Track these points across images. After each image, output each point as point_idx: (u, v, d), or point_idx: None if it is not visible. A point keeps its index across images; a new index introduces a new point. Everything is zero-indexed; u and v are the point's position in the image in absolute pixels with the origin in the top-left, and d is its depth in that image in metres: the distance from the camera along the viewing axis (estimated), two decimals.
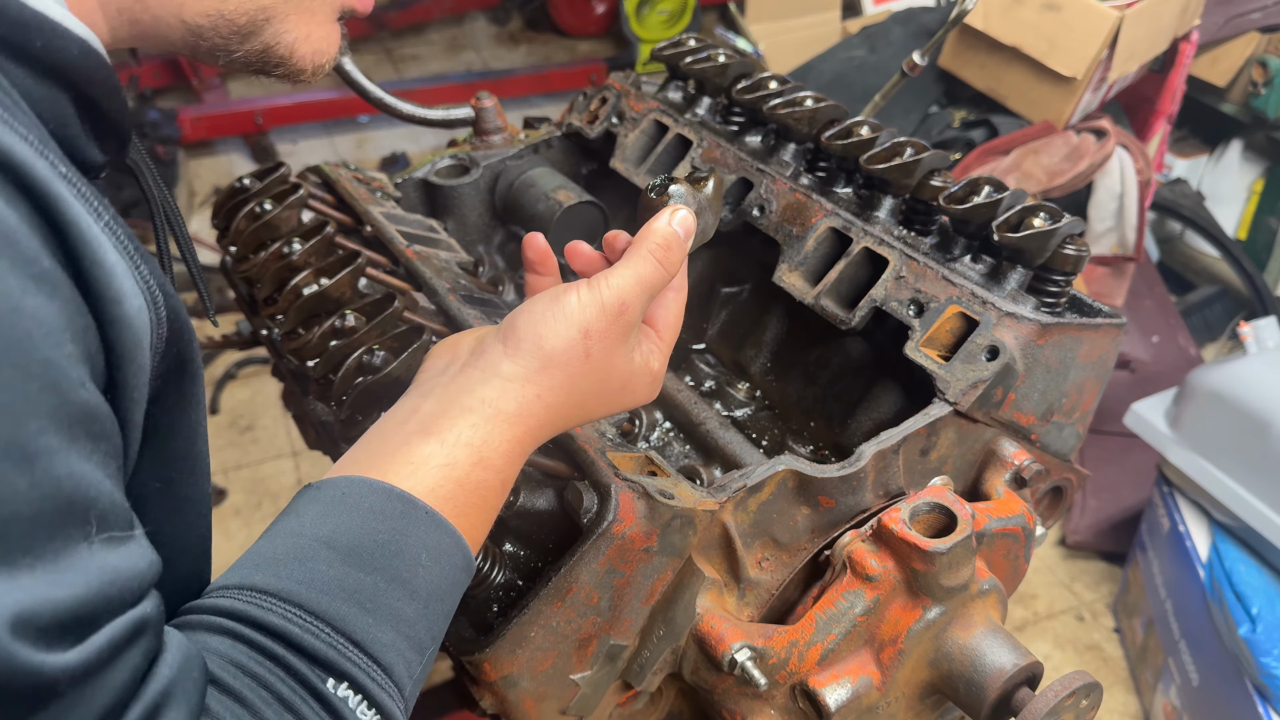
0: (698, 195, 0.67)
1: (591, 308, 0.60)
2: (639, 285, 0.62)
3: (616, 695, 0.80)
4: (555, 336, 0.60)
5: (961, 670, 0.76)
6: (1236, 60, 2.59)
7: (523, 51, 4.49)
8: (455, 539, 0.56)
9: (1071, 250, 0.85)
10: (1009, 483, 0.89)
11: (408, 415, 0.59)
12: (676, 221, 0.64)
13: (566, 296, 0.61)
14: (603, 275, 0.61)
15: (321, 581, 0.49)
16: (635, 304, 0.61)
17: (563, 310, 0.60)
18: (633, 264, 0.62)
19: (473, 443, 0.57)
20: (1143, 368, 2.43)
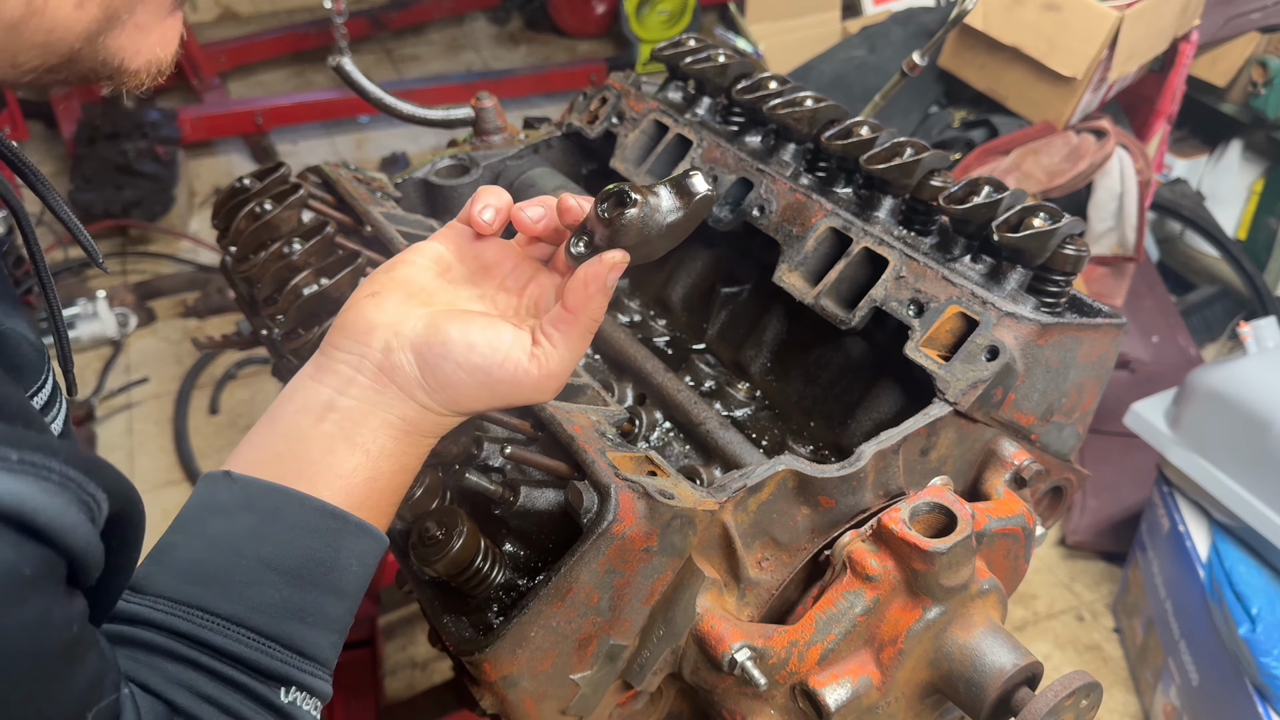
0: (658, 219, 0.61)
1: (527, 392, 0.61)
2: (574, 363, 0.63)
3: (616, 695, 0.80)
4: (477, 402, 0.62)
5: (961, 670, 0.76)
6: (1236, 60, 2.59)
7: (523, 52, 4.49)
8: (379, 539, 0.61)
9: (1071, 250, 0.85)
10: (1009, 483, 0.89)
11: (323, 409, 0.59)
12: (610, 282, 0.62)
13: (501, 374, 0.60)
14: (543, 354, 0.61)
15: (270, 605, 0.55)
16: (567, 377, 0.63)
17: (495, 390, 0.61)
18: (570, 345, 0.62)
19: (394, 454, 0.61)
20: (1143, 368, 2.43)
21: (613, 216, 0.60)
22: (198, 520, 0.57)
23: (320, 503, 0.57)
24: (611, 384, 0.99)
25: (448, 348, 0.60)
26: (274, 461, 0.58)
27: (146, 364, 2.75)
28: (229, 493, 0.57)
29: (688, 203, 0.61)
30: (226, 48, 4.01)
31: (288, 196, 1.01)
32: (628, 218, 0.60)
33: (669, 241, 0.63)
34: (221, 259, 1.06)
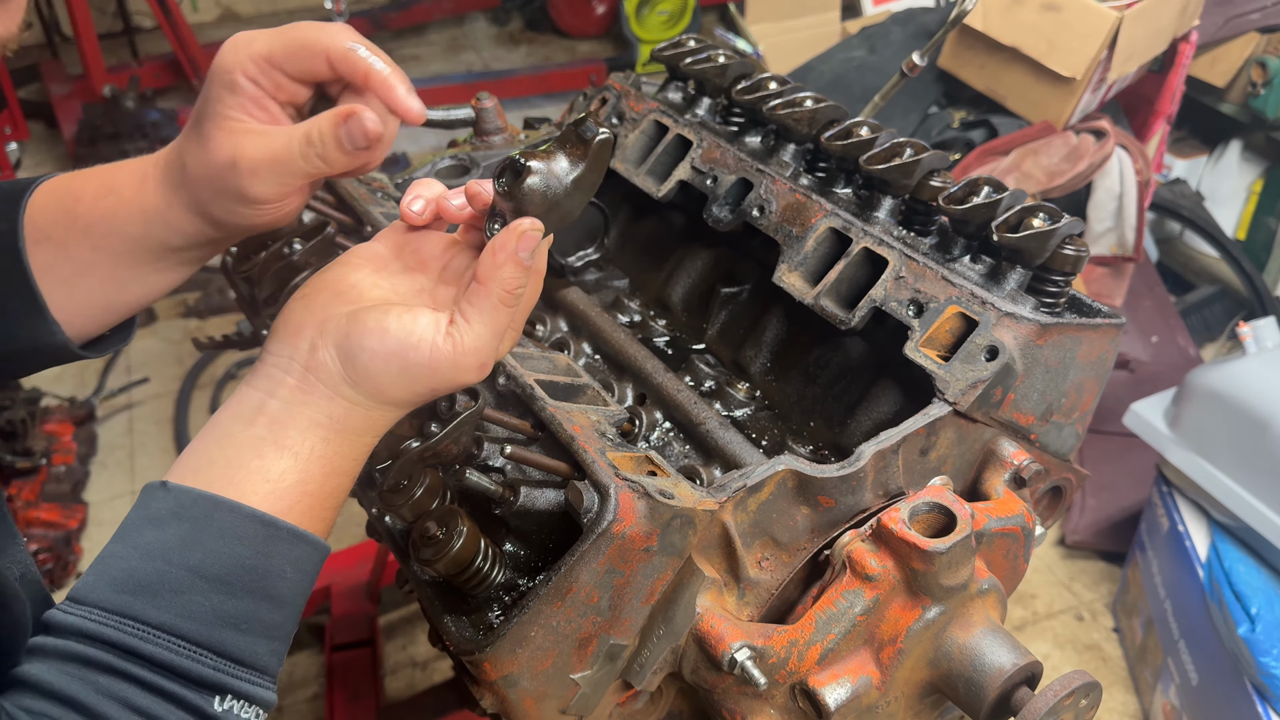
0: (560, 178, 0.59)
1: (445, 373, 0.60)
2: (494, 338, 0.61)
3: (616, 695, 0.80)
4: (398, 390, 0.60)
5: (961, 670, 0.76)
6: (1236, 61, 2.59)
7: (523, 52, 4.49)
8: (314, 545, 0.60)
9: (1071, 250, 0.85)
10: (1008, 482, 0.89)
11: (254, 412, 0.59)
12: (522, 249, 0.60)
13: (417, 357, 0.59)
14: (458, 333, 0.59)
15: (200, 613, 0.54)
16: (491, 356, 0.61)
17: (411, 373, 0.59)
18: (485, 319, 0.60)
19: (324, 455, 0.60)
20: (1142, 368, 2.43)
21: (513, 189, 0.58)
22: (134, 530, 0.57)
23: (249, 509, 0.57)
24: (611, 384, 1.00)
25: (364, 337, 0.59)
26: (208, 468, 0.58)
27: (147, 364, 2.75)
28: (162, 501, 0.57)
29: (584, 152, 0.58)
30: None
31: None
32: (527, 187, 0.58)
33: (581, 197, 0.60)
34: (222, 259, 1.06)
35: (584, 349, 1.04)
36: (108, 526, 2.29)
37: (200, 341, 1.35)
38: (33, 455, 2.27)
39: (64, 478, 2.29)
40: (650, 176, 1.11)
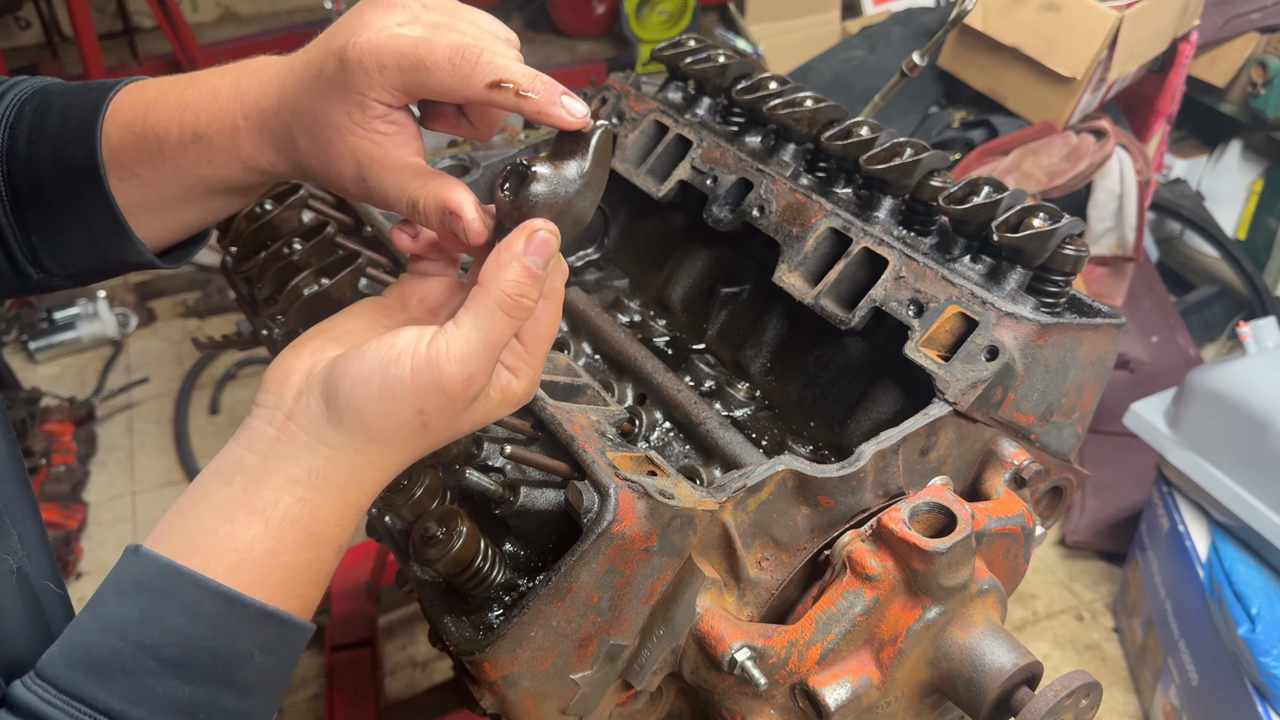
0: (568, 178, 0.55)
1: (427, 388, 0.52)
2: (487, 350, 0.53)
3: (616, 695, 0.80)
4: (383, 418, 0.53)
5: (961, 670, 0.76)
6: (1236, 60, 2.59)
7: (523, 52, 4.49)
8: (288, 625, 0.54)
9: (1071, 250, 0.85)
10: (1008, 482, 0.89)
11: (231, 469, 0.54)
12: (532, 252, 0.54)
13: (397, 371, 0.52)
14: (442, 339, 0.53)
15: (152, 699, 0.49)
16: (483, 372, 0.54)
17: (391, 391, 0.52)
18: (479, 324, 0.53)
19: (299, 520, 0.53)
20: (1142, 368, 2.43)
21: (520, 196, 0.54)
22: (101, 599, 0.52)
23: (214, 584, 0.51)
24: (611, 384, 0.99)
25: (344, 366, 0.54)
26: (179, 532, 0.53)
27: (147, 364, 2.75)
28: (132, 568, 0.52)
29: (587, 147, 0.55)
30: (227, 48, 4.01)
31: (288, 196, 1.01)
32: (535, 191, 0.54)
33: (592, 196, 0.57)
34: (222, 259, 1.06)
35: (584, 349, 1.04)
36: (107, 526, 2.29)
37: (200, 341, 1.35)
38: (32, 455, 2.27)
39: (64, 478, 2.29)
40: (650, 176, 1.11)
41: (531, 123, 1.33)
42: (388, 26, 0.55)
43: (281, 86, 0.59)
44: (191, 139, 0.61)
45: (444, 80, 0.53)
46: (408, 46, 0.54)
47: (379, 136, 0.57)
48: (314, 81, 0.57)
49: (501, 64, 0.54)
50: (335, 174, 0.59)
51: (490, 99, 0.54)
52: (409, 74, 0.54)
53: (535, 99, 0.54)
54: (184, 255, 0.74)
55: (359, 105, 0.56)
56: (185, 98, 0.62)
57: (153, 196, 0.64)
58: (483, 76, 0.53)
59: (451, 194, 0.56)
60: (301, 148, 0.59)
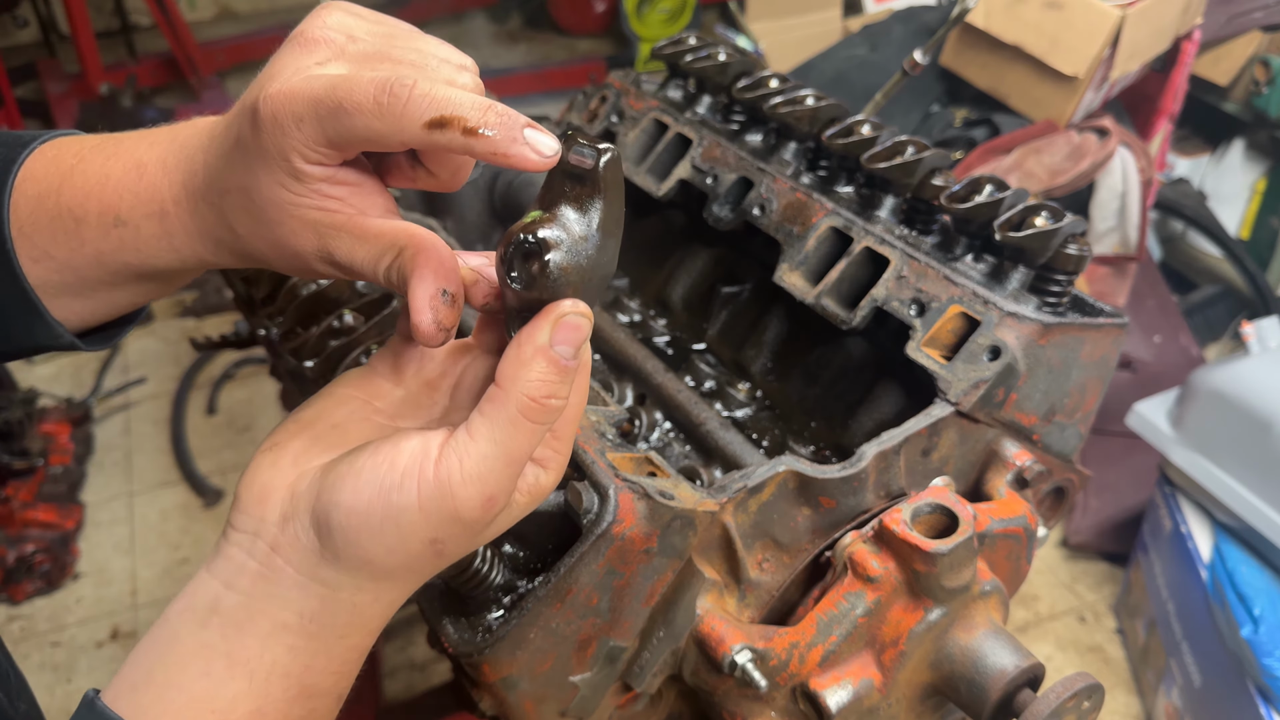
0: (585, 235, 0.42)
1: (440, 516, 0.43)
2: (509, 466, 0.44)
3: (616, 697, 0.80)
4: (389, 554, 0.44)
5: (963, 672, 0.76)
6: (1239, 59, 2.59)
7: (522, 50, 4.49)
8: None
9: (1073, 250, 0.85)
10: (1011, 483, 0.88)
11: (207, 610, 0.45)
12: (561, 342, 0.43)
13: (401, 499, 0.43)
14: (454, 457, 0.43)
15: None
16: (505, 490, 0.44)
17: (397, 523, 0.43)
18: (497, 435, 0.43)
19: (290, 672, 0.45)
20: (1145, 368, 2.42)
21: (535, 280, 0.42)
22: None
23: None
24: (611, 384, 0.99)
25: (336, 489, 0.44)
26: (145, 685, 0.44)
27: (144, 364, 2.74)
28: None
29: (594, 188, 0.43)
30: (225, 46, 4.01)
31: None
32: (552, 268, 0.42)
33: (613, 244, 0.45)
34: None
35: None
36: (105, 527, 2.28)
37: (197, 341, 1.34)
38: (29, 455, 2.27)
39: (61, 478, 2.29)
40: (650, 175, 1.11)
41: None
42: (304, 69, 0.44)
43: (205, 163, 0.49)
44: (113, 222, 0.51)
45: (371, 125, 0.42)
46: (322, 90, 0.42)
47: (332, 203, 0.46)
48: (234, 152, 0.46)
49: (440, 95, 0.42)
50: (293, 255, 0.47)
51: (433, 141, 0.42)
52: (329, 122, 0.43)
53: (490, 136, 0.42)
54: (114, 335, 0.60)
55: (289, 173, 0.45)
56: (107, 170, 0.51)
57: (71, 280, 0.53)
58: (418, 114, 0.42)
59: (412, 277, 0.45)
60: (243, 233, 0.48)
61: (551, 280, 0.42)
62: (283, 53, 0.46)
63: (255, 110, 0.44)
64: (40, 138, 0.55)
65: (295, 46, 0.46)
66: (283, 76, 0.44)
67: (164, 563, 2.19)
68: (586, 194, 0.43)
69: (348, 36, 0.46)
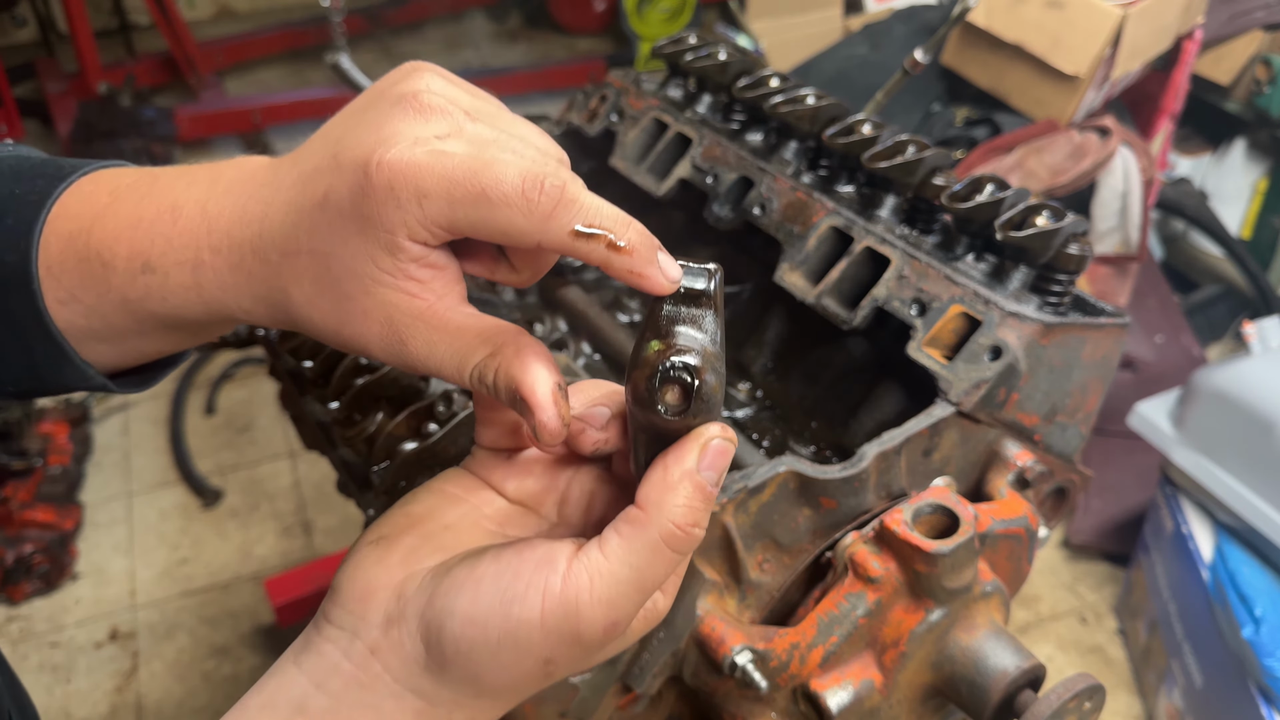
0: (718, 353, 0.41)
1: (560, 636, 0.40)
2: (640, 593, 0.41)
3: (616, 698, 0.79)
4: (500, 670, 0.41)
5: (964, 673, 0.75)
6: (1240, 58, 2.59)
7: (521, 49, 4.49)
8: None
9: (1075, 249, 0.84)
10: (1012, 484, 0.88)
11: (292, 708, 0.42)
12: (708, 468, 0.41)
13: (523, 612, 0.40)
14: (584, 573, 0.40)
15: None
16: (629, 617, 0.41)
17: (515, 638, 0.40)
18: (633, 560, 0.40)
19: None
20: (1146, 368, 2.42)
21: (689, 402, 0.40)
22: None
23: None
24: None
25: (453, 595, 0.41)
26: None
27: None
28: None
29: (711, 308, 0.43)
30: (224, 45, 4.01)
31: None
32: (709, 397, 0.40)
33: (724, 351, 0.44)
34: None
35: (583, 348, 1.03)
36: (103, 528, 2.28)
37: None
38: (28, 456, 2.26)
39: (59, 479, 2.29)
40: (650, 174, 1.10)
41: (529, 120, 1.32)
42: (425, 140, 0.40)
43: (264, 216, 0.44)
44: (141, 269, 0.47)
45: (514, 220, 0.39)
46: (462, 171, 0.39)
47: (414, 285, 0.42)
48: (316, 214, 0.42)
49: (590, 204, 0.40)
50: (354, 334, 0.44)
51: (573, 249, 0.40)
52: (463, 208, 0.39)
53: (631, 256, 0.40)
54: (149, 379, 0.57)
55: (388, 248, 0.41)
56: (140, 212, 0.47)
57: (99, 325, 0.50)
58: (568, 220, 0.39)
59: (525, 375, 0.41)
60: (298, 299, 0.44)
61: (706, 404, 0.40)
62: (391, 114, 0.41)
63: (366, 175, 0.40)
64: (81, 169, 0.51)
65: (407, 110, 0.41)
66: (402, 144, 0.40)
67: (163, 563, 2.19)
68: (702, 314, 0.42)
69: (465, 112, 0.42)
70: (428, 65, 0.44)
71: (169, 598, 2.11)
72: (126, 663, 1.98)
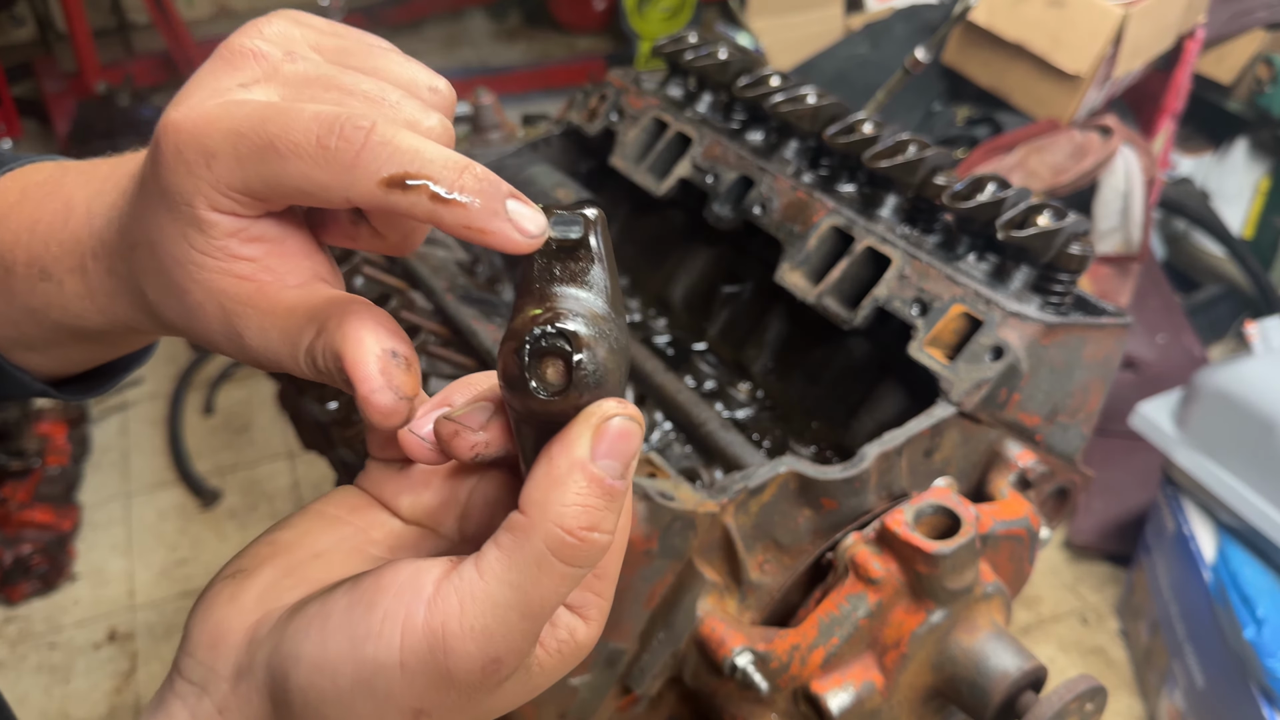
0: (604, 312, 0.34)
1: (428, 680, 0.32)
2: (526, 620, 0.32)
3: (616, 700, 0.79)
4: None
5: (965, 674, 0.75)
6: (1242, 57, 2.58)
7: (521, 48, 4.48)
8: None
9: (1076, 249, 0.84)
10: (1014, 484, 0.87)
11: None
12: (607, 455, 0.32)
13: (379, 653, 0.32)
14: (454, 597, 0.32)
15: None
16: (516, 651, 0.33)
17: (371, 686, 0.32)
18: (515, 578, 0.32)
19: None
20: (1147, 368, 2.41)
21: (569, 378, 0.32)
22: None
23: None
24: None
25: (300, 640, 0.33)
26: None
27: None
28: None
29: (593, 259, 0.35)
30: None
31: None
32: (589, 361, 0.32)
33: (622, 310, 0.36)
34: None
35: None
36: (101, 529, 2.28)
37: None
38: (26, 456, 2.26)
39: (57, 479, 2.28)
40: (650, 173, 1.10)
41: (529, 120, 1.31)
42: (223, 90, 0.35)
43: (116, 206, 0.39)
44: (39, 275, 0.42)
45: (310, 174, 0.32)
46: (247, 121, 0.33)
47: (244, 265, 0.35)
48: (139, 195, 0.37)
49: (405, 146, 0.32)
50: (201, 331, 0.37)
51: (390, 204, 0.32)
52: (253, 165, 0.33)
53: (466, 205, 0.32)
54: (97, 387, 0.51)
55: (194, 224, 0.34)
56: (38, 215, 0.42)
57: (14, 334, 0.45)
58: (373, 167, 0.32)
59: (345, 345, 0.34)
60: (153, 299, 0.38)
61: (594, 379, 0.32)
62: (201, 69, 0.36)
63: (156, 141, 0.35)
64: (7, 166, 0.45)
65: (217, 61, 0.36)
66: (193, 99, 0.34)
67: (161, 564, 2.19)
68: (582, 269, 0.34)
69: (286, 52, 0.36)
70: (283, 11, 0.38)
71: (167, 598, 2.10)
72: (125, 664, 1.98)
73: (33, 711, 1.90)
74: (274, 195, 0.34)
